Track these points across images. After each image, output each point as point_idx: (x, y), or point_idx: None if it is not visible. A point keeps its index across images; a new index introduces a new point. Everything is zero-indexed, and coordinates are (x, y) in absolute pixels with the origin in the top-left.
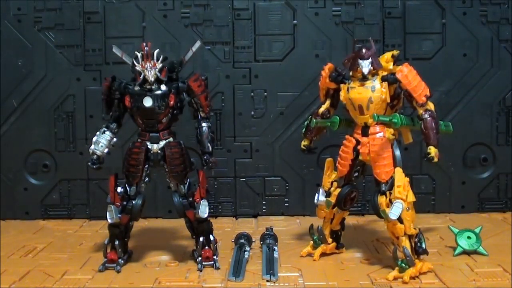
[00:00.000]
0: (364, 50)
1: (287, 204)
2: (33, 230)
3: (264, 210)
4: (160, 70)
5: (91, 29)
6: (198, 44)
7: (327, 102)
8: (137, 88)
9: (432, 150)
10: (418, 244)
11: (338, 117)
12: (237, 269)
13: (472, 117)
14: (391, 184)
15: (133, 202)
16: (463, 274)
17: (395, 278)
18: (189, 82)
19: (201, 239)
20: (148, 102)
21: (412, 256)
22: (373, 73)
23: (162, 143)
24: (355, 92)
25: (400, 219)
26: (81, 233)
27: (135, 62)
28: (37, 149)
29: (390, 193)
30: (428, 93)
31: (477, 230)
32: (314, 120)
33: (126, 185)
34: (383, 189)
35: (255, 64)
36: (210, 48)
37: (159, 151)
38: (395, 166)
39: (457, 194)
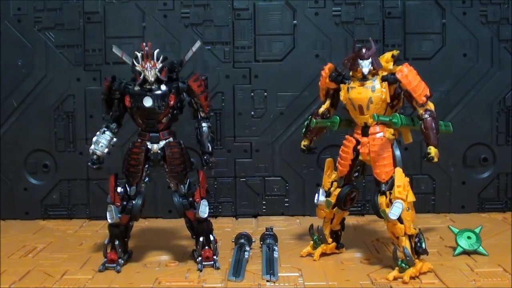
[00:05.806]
0: (364, 50)
1: (287, 204)
2: (33, 230)
3: (264, 210)
4: (160, 70)
5: (91, 29)
6: (198, 44)
7: (327, 102)
8: (137, 88)
9: (432, 150)
10: (418, 244)
11: (338, 117)
12: (237, 269)
13: (472, 117)
14: (391, 184)
15: (133, 202)
16: (463, 274)
17: (395, 278)
18: (189, 82)
19: (201, 239)
20: (148, 102)
21: (412, 256)
22: (373, 73)
23: (162, 143)
24: (355, 92)
25: (400, 219)
26: (81, 233)
27: (135, 62)
28: (37, 149)
29: (390, 193)
30: (428, 93)
31: (477, 230)
32: (314, 120)
33: (126, 185)
34: (383, 189)
35: (255, 64)
36: (210, 48)
37: (159, 151)
38: (395, 166)
39: (457, 194)
